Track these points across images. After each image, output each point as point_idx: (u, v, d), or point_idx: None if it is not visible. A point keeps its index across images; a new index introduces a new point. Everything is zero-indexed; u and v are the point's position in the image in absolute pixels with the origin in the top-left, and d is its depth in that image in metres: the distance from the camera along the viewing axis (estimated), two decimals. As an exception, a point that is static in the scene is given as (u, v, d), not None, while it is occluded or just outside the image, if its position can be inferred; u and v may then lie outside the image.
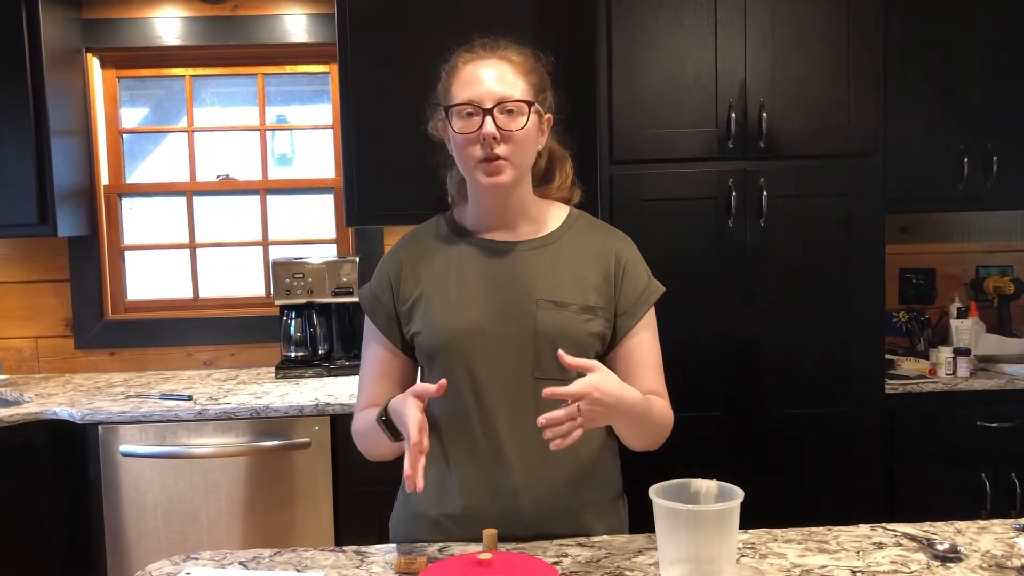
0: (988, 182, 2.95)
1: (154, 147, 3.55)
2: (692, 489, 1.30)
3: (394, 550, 1.48)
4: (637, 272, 1.58)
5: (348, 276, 3.11)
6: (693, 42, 2.55)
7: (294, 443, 2.67)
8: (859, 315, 2.60)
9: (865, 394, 2.62)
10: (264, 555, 1.47)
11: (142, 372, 3.33)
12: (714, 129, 2.56)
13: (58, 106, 3.05)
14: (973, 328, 3.07)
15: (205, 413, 2.66)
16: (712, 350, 2.59)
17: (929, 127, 2.94)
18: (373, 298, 1.60)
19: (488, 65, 1.50)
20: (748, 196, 2.56)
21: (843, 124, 2.57)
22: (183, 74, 3.45)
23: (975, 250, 3.42)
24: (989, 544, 1.43)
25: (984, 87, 2.94)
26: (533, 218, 1.58)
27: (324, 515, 2.70)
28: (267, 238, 3.50)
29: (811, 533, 1.50)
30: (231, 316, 3.41)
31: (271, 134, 3.54)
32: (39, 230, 2.99)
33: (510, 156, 1.47)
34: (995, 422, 2.75)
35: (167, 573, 1.40)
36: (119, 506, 2.67)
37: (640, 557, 1.42)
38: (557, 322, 1.50)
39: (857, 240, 2.59)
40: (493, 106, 1.46)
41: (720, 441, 2.60)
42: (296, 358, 3.15)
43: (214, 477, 2.67)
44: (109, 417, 2.66)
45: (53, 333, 3.37)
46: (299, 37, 3.32)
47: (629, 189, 2.56)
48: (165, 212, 3.50)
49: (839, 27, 2.55)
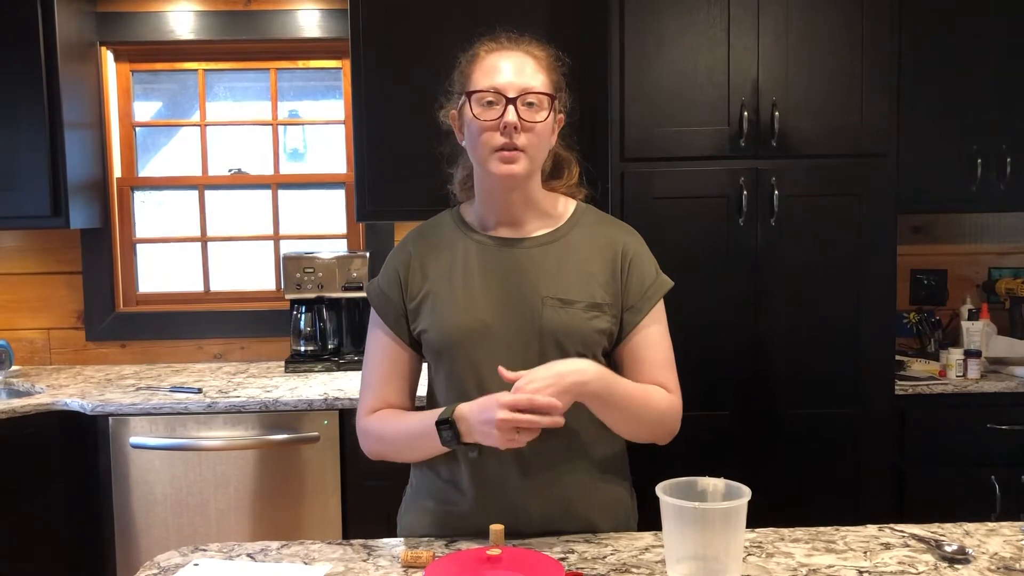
0: (1001, 183, 2.93)
1: (167, 141, 3.56)
2: (699, 487, 1.30)
3: (401, 544, 1.49)
4: (644, 266, 1.58)
5: (358, 271, 3.11)
6: (706, 40, 2.54)
7: (303, 437, 2.68)
8: (870, 316, 2.59)
9: (875, 395, 2.61)
10: (272, 547, 1.48)
11: (153, 365, 3.35)
12: (726, 128, 2.55)
13: (72, 99, 3.06)
14: (984, 330, 3.05)
15: (215, 406, 2.67)
16: (722, 349, 2.58)
17: (942, 127, 2.92)
18: (382, 294, 1.60)
19: (512, 56, 1.50)
20: (759, 195, 2.56)
21: (855, 124, 2.56)
22: (196, 68, 3.46)
23: (987, 251, 3.40)
24: (998, 546, 1.42)
25: (998, 88, 2.92)
26: (540, 213, 1.58)
27: (332, 509, 2.71)
28: (278, 232, 3.51)
29: (818, 533, 1.50)
30: (242, 310, 3.42)
31: (283, 129, 3.55)
32: (52, 222, 3.01)
33: (527, 148, 1.47)
34: (1005, 424, 2.73)
35: (175, 564, 1.41)
36: (128, 497, 2.69)
37: (647, 554, 1.42)
38: (563, 320, 1.49)
39: (868, 240, 2.58)
40: (516, 96, 1.46)
41: (729, 440, 2.60)
42: (306, 352, 3.15)
43: (223, 470, 2.69)
44: (120, 409, 2.67)
45: (65, 325, 3.39)
46: (312, 32, 3.33)
47: (640, 187, 2.56)
48: (177, 205, 3.51)
49: (853, 26, 2.54)
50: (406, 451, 1.56)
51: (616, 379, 1.45)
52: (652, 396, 1.50)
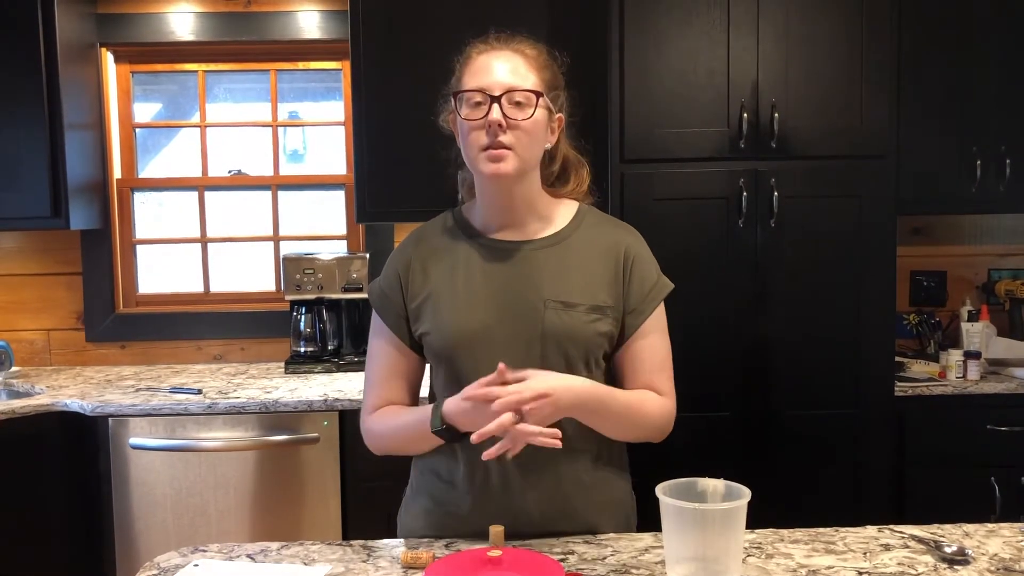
0: (1001, 185, 2.93)
1: (167, 142, 3.56)
2: (699, 488, 1.30)
3: (401, 545, 1.49)
4: (646, 269, 1.58)
5: (358, 272, 3.11)
6: (706, 41, 2.54)
7: (303, 438, 2.68)
8: (869, 317, 2.59)
9: (874, 396, 2.61)
10: (272, 548, 1.48)
11: (152, 365, 3.35)
12: (726, 129, 2.56)
13: (72, 100, 3.06)
14: (984, 331, 3.05)
15: (214, 407, 2.67)
16: (721, 350, 2.58)
17: (942, 129, 2.92)
18: (383, 295, 1.60)
19: (501, 56, 1.50)
20: (759, 196, 2.56)
21: (855, 125, 2.56)
22: (196, 69, 3.46)
23: (987, 253, 3.40)
24: (997, 547, 1.42)
25: (998, 89, 2.92)
26: (541, 216, 1.57)
27: (332, 509, 2.71)
28: (278, 234, 3.51)
29: (818, 534, 1.50)
30: (241, 311, 3.42)
31: (283, 130, 3.55)
32: (52, 223, 3.01)
33: (514, 145, 1.46)
34: (1004, 426, 2.73)
35: (175, 565, 1.41)
36: (128, 498, 2.69)
37: (646, 555, 1.42)
38: (564, 323, 1.49)
39: (868, 242, 2.58)
40: (501, 94, 1.45)
41: (728, 441, 2.60)
42: (305, 353, 3.16)
43: (223, 470, 2.69)
44: (119, 410, 2.67)
45: (65, 326, 3.39)
46: (312, 34, 3.33)
47: (640, 188, 2.56)
48: (177, 207, 3.52)
49: (853, 27, 2.54)
50: (409, 446, 1.57)
51: (601, 395, 1.46)
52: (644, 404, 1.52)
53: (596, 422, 1.49)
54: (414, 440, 1.52)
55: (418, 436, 1.49)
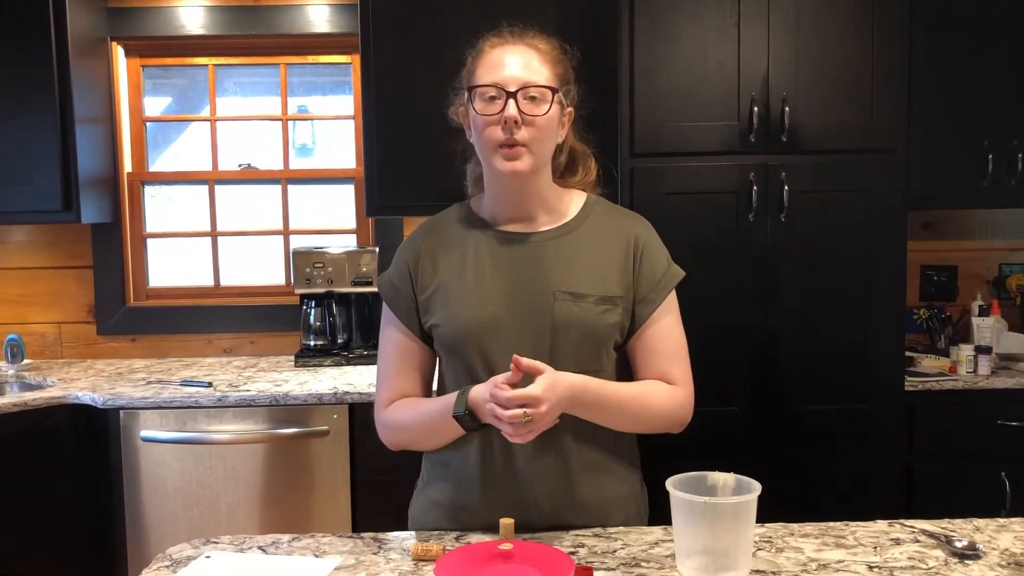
0: (1012, 179, 2.91)
1: (177, 136, 3.57)
2: (709, 482, 1.31)
3: (411, 537, 1.50)
4: (656, 257, 1.57)
5: (368, 266, 3.12)
6: (716, 35, 2.53)
7: (313, 431, 2.69)
8: (879, 312, 2.59)
9: (884, 391, 2.61)
10: (283, 540, 1.48)
11: (163, 359, 3.37)
12: (736, 123, 2.55)
13: (83, 94, 3.07)
14: (995, 326, 3.04)
15: (225, 400, 2.68)
16: (731, 345, 2.58)
17: (953, 123, 2.90)
18: (393, 287, 1.61)
19: (515, 51, 1.50)
20: (769, 191, 2.55)
21: (866, 119, 2.55)
22: (206, 63, 3.47)
23: (998, 248, 3.39)
24: (1008, 542, 1.42)
25: (1010, 83, 2.90)
26: (551, 208, 1.57)
27: (342, 502, 2.72)
28: (288, 227, 3.52)
29: (828, 528, 1.50)
30: (251, 304, 3.43)
31: (293, 124, 3.56)
32: (63, 216, 3.03)
33: (530, 142, 1.47)
34: (1015, 421, 2.73)
35: (188, 556, 1.42)
36: (139, 490, 2.70)
37: (656, 548, 1.42)
38: (574, 314, 1.49)
39: (878, 236, 2.57)
40: (517, 90, 1.46)
41: (738, 435, 2.60)
42: (315, 347, 3.17)
43: (233, 463, 2.70)
44: (130, 402, 2.68)
45: (76, 319, 3.41)
46: (322, 27, 3.33)
47: (650, 182, 2.55)
48: (187, 200, 3.53)
49: (864, 21, 2.53)
50: (426, 439, 1.56)
51: (601, 390, 1.46)
52: (647, 397, 1.51)
53: (596, 417, 1.48)
54: (434, 431, 1.52)
55: (439, 426, 1.49)
